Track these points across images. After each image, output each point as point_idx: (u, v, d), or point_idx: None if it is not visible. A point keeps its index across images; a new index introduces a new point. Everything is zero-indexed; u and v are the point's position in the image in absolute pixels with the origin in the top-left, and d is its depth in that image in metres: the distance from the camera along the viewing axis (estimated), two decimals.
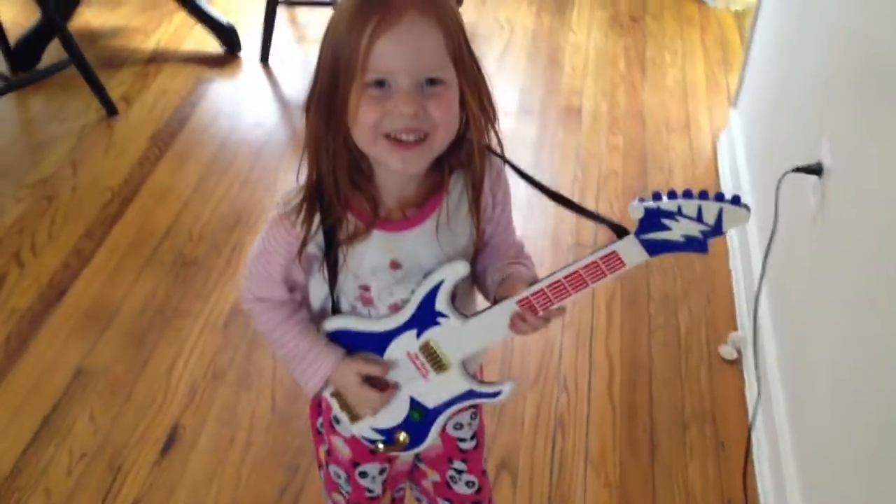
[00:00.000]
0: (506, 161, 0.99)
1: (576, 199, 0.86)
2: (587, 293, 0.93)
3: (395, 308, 0.98)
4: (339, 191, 0.91)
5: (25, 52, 2.72)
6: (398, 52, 0.83)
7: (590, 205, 2.25)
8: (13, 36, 2.71)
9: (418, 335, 0.98)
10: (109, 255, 2.11)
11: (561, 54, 2.92)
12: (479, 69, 0.91)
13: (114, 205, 2.26)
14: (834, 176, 1.48)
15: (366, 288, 0.98)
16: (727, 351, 1.87)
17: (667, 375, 1.83)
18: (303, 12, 3.17)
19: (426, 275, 0.95)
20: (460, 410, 1.12)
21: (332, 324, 1.01)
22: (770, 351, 1.70)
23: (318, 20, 3.12)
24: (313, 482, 1.62)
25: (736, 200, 0.84)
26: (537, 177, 0.96)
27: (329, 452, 1.18)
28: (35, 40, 2.71)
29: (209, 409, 1.76)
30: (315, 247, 0.96)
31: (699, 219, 0.84)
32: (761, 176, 2.07)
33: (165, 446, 1.68)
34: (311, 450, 1.66)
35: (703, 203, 0.83)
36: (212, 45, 2.93)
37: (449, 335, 0.97)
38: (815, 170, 1.53)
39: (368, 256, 0.95)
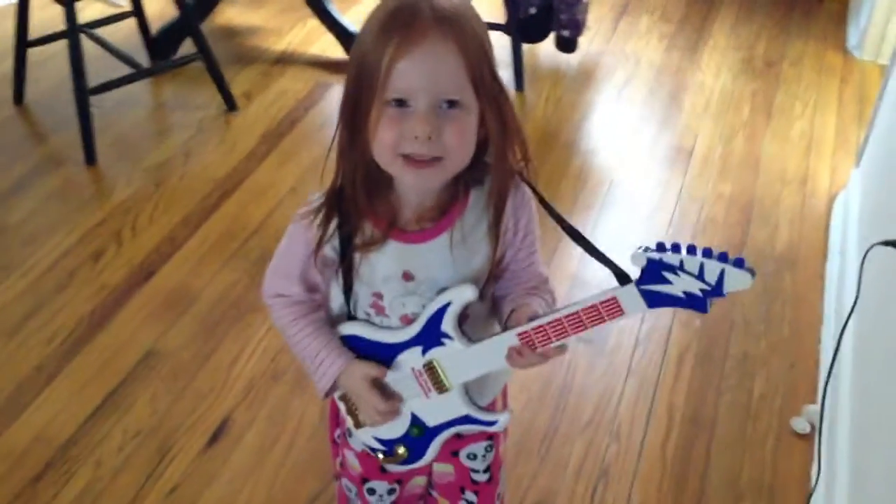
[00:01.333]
0: (528, 185, 0.98)
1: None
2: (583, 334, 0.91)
3: (407, 320, 0.99)
4: (357, 199, 0.93)
5: (163, 43, 2.88)
6: (417, 72, 0.85)
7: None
8: (156, 28, 2.87)
9: (423, 352, 0.98)
10: (200, 244, 2.20)
11: (684, 93, 2.82)
12: (502, 92, 0.90)
13: (213, 196, 2.35)
14: None
15: (378, 296, 0.99)
16: (800, 424, 1.74)
17: (729, 440, 1.72)
18: None
19: (440, 291, 0.96)
20: (474, 439, 1.12)
21: (347, 329, 1.03)
22: (843, 428, 1.58)
23: None
24: None
25: (739, 263, 0.81)
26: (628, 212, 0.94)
27: (342, 465, 1.19)
28: (172, 33, 2.87)
29: (261, 407, 1.79)
30: (331, 250, 0.98)
31: (700, 277, 0.82)
32: (867, 243, 1.92)
33: (213, 437, 1.72)
34: None
35: (706, 261, 0.81)
36: (336, 52, 3.01)
37: (452, 357, 0.97)
38: None
39: (382, 265, 0.96)
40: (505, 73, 2.89)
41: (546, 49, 2.97)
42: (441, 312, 0.95)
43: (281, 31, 3.17)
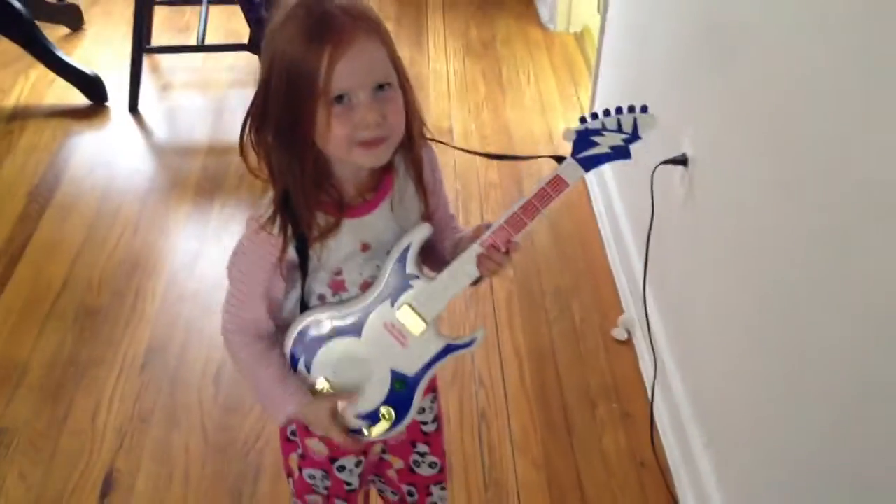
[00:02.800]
0: (441, 142, 1.15)
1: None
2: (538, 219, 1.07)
3: (366, 286, 1.08)
4: (307, 194, 1.01)
5: None
6: (356, 71, 0.95)
7: (475, 216, 2.41)
8: None
9: (393, 303, 1.08)
10: (6, 315, 2.08)
11: (426, 81, 3.09)
12: (405, 71, 1.04)
13: (1, 265, 2.22)
14: (698, 164, 1.70)
15: (338, 272, 1.08)
16: (619, 333, 2.06)
17: (569, 360, 2.00)
18: (165, 59, 3.19)
19: (389, 251, 1.07)
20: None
21: (303, 320, 1.09)
22: (658, 327, 1.90)
23: (182, 66, 3.16)
24: (259, 502, 1.67)
25: (644, 109, 1.04)
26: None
27: (303, 456, 1.26)
28: None
29: (141, 451, 1.77)
30: (292, 252, 1.05)
31: (619, 129, 1.03)
32: (625, 174, 2.30)
33: (103, 492, 1.69)
34: (251, 473, 1.73)
35: (621, 117, 1.03)
36: (76, 98, 2.91)
37: (423, 294, 1.08)
38: (681, 160, 1.74)
39: (342, 244, 1.05)
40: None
41: None
42: (403, 258, 1.06)
43: (2, 88, 2.99)
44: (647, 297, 1.96)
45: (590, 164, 1.05)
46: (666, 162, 1.76)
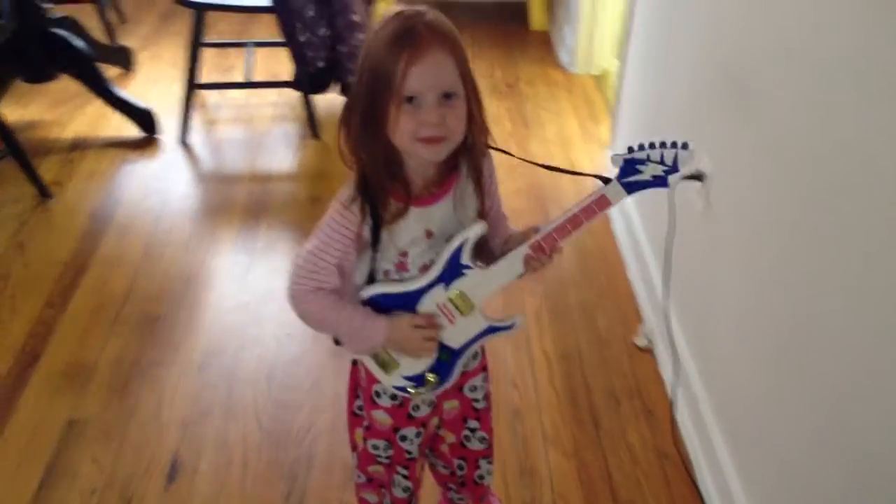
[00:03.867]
0: (502, 151, 1.30)
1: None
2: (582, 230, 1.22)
3: (425, 268, 1.25)
4: (382, 180, 1.18)
5: None
6: (426, 76, 1.12)
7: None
8: None
9: (447, 287, 1.24)
10: (74, 320, 2.26)
11: None
12: (476, 86, 1.20)
13: (68, 276, 2.41)
14: (714, 180, 1.87)
15: (404, 255, 1.24)
16: (640, 340, 2.22)
17: (595, 364, 2.15)
18: (212, 96, 3.42)
19: (448, 239, 1.23)
20: (474, 373, 1.41)
21: (371, 290, 1.26)
22: (677, 333, 2.06)
23: (227, 103, 3.39)
24: (314, 485, 1.82)
25: (685, 146, 1.18)
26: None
27: (368, 428, 1.41)
28: None
29: (202, 441, 1.93)
30: (366, 228, 1.21)
31: (662, 162, 1.18)
32: (643, 198, 2.47)
33: (170, 475, 1.84)
34: (304, 458, 1.88)
35: (664, 150, 1.17)
36: (130, 131, 3.13)
37: (473, 282, 1.24)
38: (698, 177, 1.92)
39: (410, 228, 1.22)
40: (297, 125, 3.19)
41: (326, 99, 3.29)
42: (459, 250, 1.22)
43: (62, 121, 3.21)
44: (668, 306, 2.12)
45: (632, 188, 1.19)
46: (685, 178, 1.93)
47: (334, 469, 1.86)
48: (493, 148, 1.29)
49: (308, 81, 3.01)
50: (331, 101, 3.28)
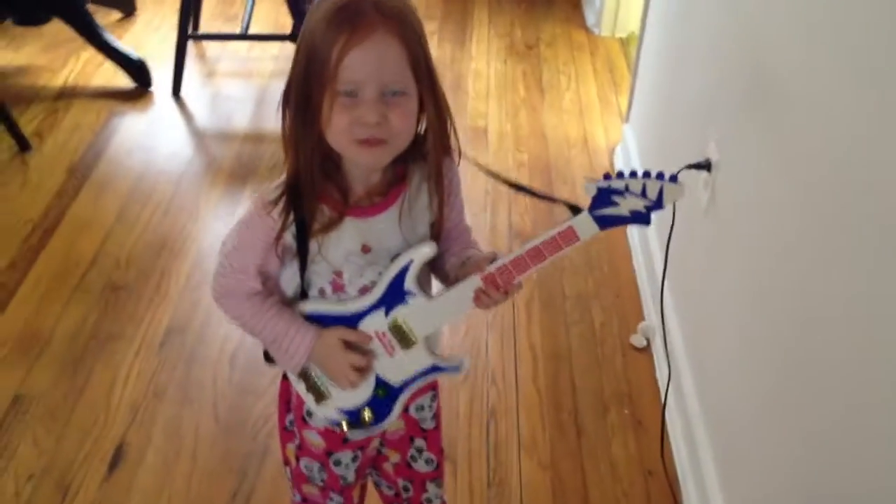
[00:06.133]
0: (468, 159, 1.11)
1: (487, 211, 0.97)
2: (542, 266, 1.03)
3: (365, 290, 1.08)
4: (314, 182, 1.00)
5: None
6: (365, 64, 0.93)
7: (502, 217, 2.40)
8: None
9: (387, 313, 1.07)
10: (35, 285, 2.13)
11: (464, 80, 3.09)
12: (435, 79, 1.01)
13: (35, 236, 2.28)
14: (722, 170, 1.67)
15: (338, 274, 1.07)
16: (637, 339, 2.03)
17: (585, 364, 1.98)
18: (212, 47, 3.24)
19: (393, 258, 1.06)
20: (421, 392, 1.23)
21: (308, 307, 1.10)
22: (676, 336, 1.87)
23: (227, 55, 3.21)
24: (263, 484, 1.68)
25: (673, 178, 0.97)
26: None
27: (300, 447, 1.25)
28: None
29: (153, 426, 1.80)
30: (289, 237, 1.04)
31: (643, 195, 0.96)
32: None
33: (112, 463, 1.71)
34: (258, 454, 1.74)
35: (647, 181, 0.96)
36: (122, 81, 2.97)
37: (416, 312, 1.07)
38: (705, 166, 1.71)
39: (343, 242, 1.04)
40: None
41: None
42: (403, 272, 1.05)
43: (53, 67, 3.06)
44: (666, 305, 1.93)
45: (605, 223, 0.99)
46: (690, 167, 1.73)
47: None
48: (456, 151, 1.10)
49: None
50: None
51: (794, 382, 1.33)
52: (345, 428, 1.19)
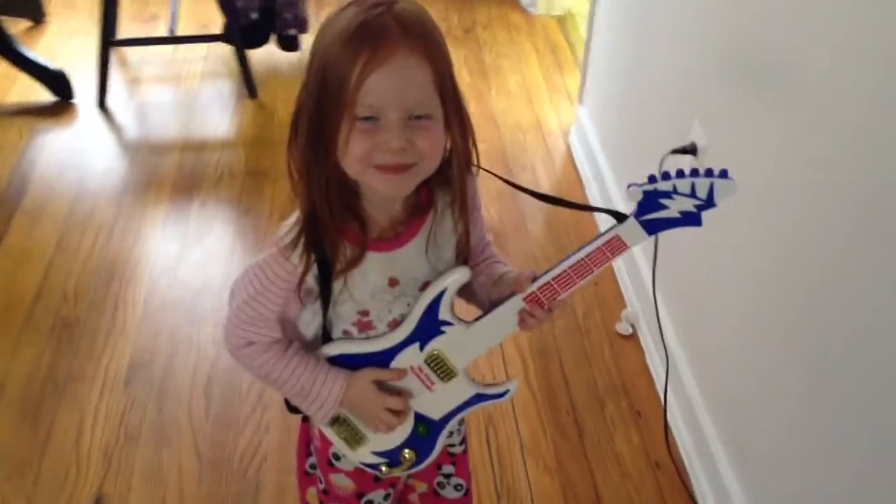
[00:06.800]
0: (496, 175, 1.03)
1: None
2: (590, 279, 0.96)
3: (395, 324, 0.99)
4: (333, 217, 0.91)
5: None
6: (388, 88, 0.84)
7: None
8: None
9: (422, 347, 0.99)
10: None
11: None
12: (460, 99, 0.92)
13: None
14: (708, 154, 1.63)
15: (364, 313, 0.98)
16: (623, 327, 1.99)
17: (574, 358, 1.93)
18: (132, 51, 3.05)
19: (422, 286, 0.98)
20: None
21: (332, 349, 1.01)
22: (666, 321, 1.84)
23: (151, 58, 3.03)
24: None
25: (723, 174, 0.90)
26: None
27: (326, 492, 1.16)
28: None
29: (131, 473, 1.67)
30: (311, 279, 0.95)
31: (693, 195, 0.90)
32: (622, 162, 2.22)
33: None
34: (250, 492, 1.64)
35: (696, 180, 0.89)
36: (41, 95, 2.77)
37: (455, 342, 0.99)
38: (690, 150, 1.67)
39: (369, 278, 0.96)
40: (232, 83, 2.86)
41: (262, 52, 2.96)
42: (436, 302, 0.96)
43: None
44: (650, 290, 1.90)
45: (655, 227, 0.92)
46: (674, 151, 1.68)
47: (285, 500, 1.62)
48: (480, 168, 1.00)
49: (241, 35, 2.67)
50: (270, 53, 2.96)
51: (797, 360, 1.30)
52: (384, 471, 1.10)
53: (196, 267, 2.15)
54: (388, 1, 0.85)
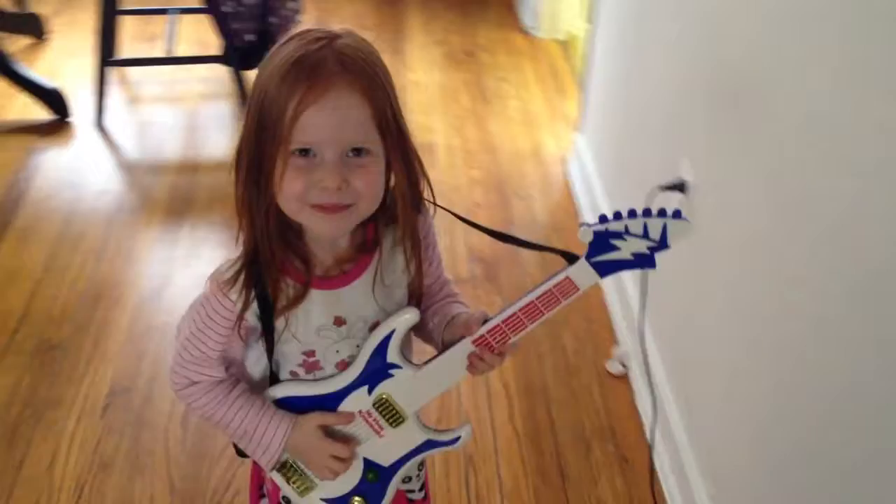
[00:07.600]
0: (445, 210, 0.99)
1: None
2: (541, 322, 0.94)
3: (343, 365, 0.97)
4: (273, 254, 0.89)
5: None
6: (324, 124, 0.82)
7: (459, 241, 2.29)
8: None
9: (370, 391, 0.96)
10: None
11: (404, 93, 2.97)
12: (405, 134, 0.90)
13: None
14: (698, 191, 1.59)
15: (310, 353, 0.96)
16: (614, 366, 1.95)
17: (562, 397, 1.88)
18: (133, 70, 3.05)
19: (371, 327, 0.95)
20: None
21: (278, 391, 0.99)
22: (656, 362, 1.79)
23: (151, 78, 3.03)
24: None
25: (677, 214, 0.87)
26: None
27: None
28: None
29: (103, 502, 1.64)
30: (252, 316, 0.93)
31: (645, 235, 0.87)
32: (618, 194, 2.19)
33: None
34: None
35: (648, 220, 0.86)
36: (38, 113, 2.76)
37: (403, 386, 0.96)
38: (679, 186, 1.63)
39: (312, 317, 0.94)
40: (231, 104, 2.85)
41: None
42: (384, 344, 0.94)
43: None
44: (644, 330, 1.85)
45: (607, 269, 0.90)
46: (664, 188, 1.65)
47: None
48: (430, 203, 0.98)
49: (237, 56, 2.65)
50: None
51: (785, 409, 1.26)
52: None
53: (182, 291, 2.13)
54: (330, 35, 0.84)
